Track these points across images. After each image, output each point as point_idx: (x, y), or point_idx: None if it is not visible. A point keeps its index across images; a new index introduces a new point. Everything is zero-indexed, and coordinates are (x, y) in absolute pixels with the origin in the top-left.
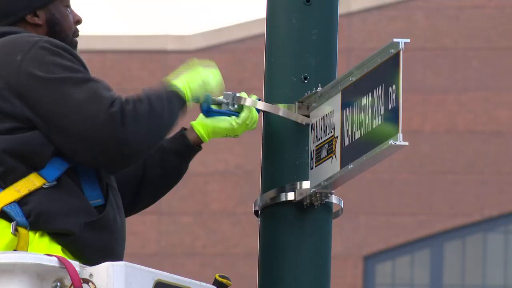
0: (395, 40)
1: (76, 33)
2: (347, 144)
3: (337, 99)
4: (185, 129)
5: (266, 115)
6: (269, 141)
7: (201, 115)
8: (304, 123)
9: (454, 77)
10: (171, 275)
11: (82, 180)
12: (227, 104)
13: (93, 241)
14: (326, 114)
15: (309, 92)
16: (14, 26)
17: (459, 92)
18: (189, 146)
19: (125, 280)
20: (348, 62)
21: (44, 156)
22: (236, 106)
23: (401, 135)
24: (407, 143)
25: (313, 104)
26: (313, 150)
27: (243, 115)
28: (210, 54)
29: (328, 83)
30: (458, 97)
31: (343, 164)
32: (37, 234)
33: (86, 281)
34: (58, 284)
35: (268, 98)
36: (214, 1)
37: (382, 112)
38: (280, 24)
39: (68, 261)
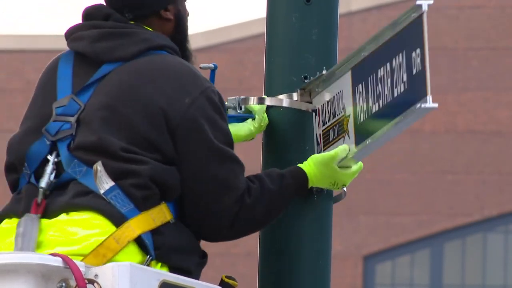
0: (418, 2)
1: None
2: (362, 120)
3: (346, 78)
4: None
5: (266, 112)
6: (270, 139)
7: None
8: (310, 110)
9: (454, 77)
10: (176, 275)
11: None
12: (234, 108)
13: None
14: (334, 96)
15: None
16: (143, 19)
17: (459, 92)
18: None
19: (130, 280)
20: None
21: (176, 192)
22: (243, 108)
23: (430, 97)
24: (436, 105)
25: (316, 89)
26: (320, 135)
27: (258, 118)
28: (210, 54)
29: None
30: (458, 97)
31: (358, 141)
32: (159, 264)
33: (91, 281)
34: (63, 284)
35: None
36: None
37: (405, 79)
38: (280, 23)
39: (72, 261)
